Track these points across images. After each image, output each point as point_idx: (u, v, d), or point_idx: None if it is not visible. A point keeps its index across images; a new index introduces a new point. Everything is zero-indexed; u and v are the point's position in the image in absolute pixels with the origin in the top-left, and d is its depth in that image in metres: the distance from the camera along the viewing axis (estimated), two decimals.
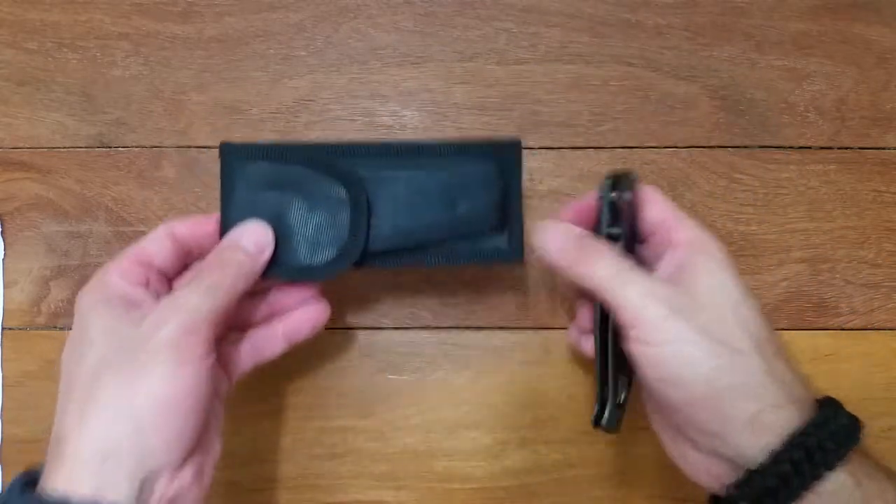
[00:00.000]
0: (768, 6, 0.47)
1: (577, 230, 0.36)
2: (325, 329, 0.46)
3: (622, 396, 0.38)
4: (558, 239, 0.35)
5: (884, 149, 0.47)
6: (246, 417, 0.46)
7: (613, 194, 0.36)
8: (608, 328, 0.37)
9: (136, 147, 0.47)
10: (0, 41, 0.48)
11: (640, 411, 0.46)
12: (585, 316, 0.41)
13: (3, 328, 0.47)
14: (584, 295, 0.40)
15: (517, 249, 0.40)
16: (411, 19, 0.47)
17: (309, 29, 0.47)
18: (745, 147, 0.47)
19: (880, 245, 0.46)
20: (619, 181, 0.36)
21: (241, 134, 0.47)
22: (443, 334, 0.46)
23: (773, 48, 0.47)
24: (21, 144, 0.47)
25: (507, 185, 0.39)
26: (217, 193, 0.46)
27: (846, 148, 0.47)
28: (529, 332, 0.46)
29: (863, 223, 0.46)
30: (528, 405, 0.46)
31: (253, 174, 0.38)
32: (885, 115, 0.47)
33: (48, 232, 0.47)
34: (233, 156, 0.38)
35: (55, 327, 0.47)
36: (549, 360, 0.46)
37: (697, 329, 0.31)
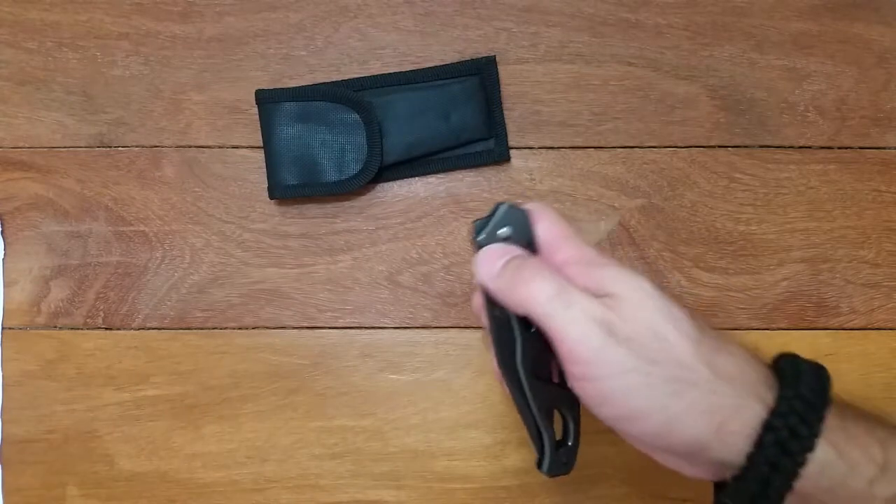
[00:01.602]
0: (768, 6, 0.47)
1: (514, 251, 0.32)
2: (326, 329, 0.47)
3: (569, 431, 0.34)
4: (494, 263, 0.31)
5: (884, 148, 0.47)
6: (246, 417, 0.46)
7: (481, 237, 0.32)
8: (516, 361, 0.33)
9: (136, 147, 0.47)
10: (0, 41, 0.48)
11: None
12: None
13: (3, 328, 0.47)
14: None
15: (503, 151, 0.46)
16: (411, 19, 0.47)
17: (309, 29, 0.47)
18: (746, 147, 0.47)
19: (880, 245, 0.46)
20: (492, 220, 0.32)
21: (240, 134, 0.47)
22: (443, 334, 0.46)
23: (774, 48, 0.47)
24: (21, 144, 0.47)
25: (489, 96, 0.46)
26: (217, 193, 0.47)
27: (846, 148, 0.47)
28: None
29: (863, 223, 0.46)
30: None
31: (284, 112, 0.46)
32: (885, 115, 0.47)
33: (48, 232, 0.47)
34: (267, 100, 0.46)
35: (55, 327, 0.47)
36: None
37: (636, 354, 0.28)
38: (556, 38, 0.47)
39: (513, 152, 0.47)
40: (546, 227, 0.32)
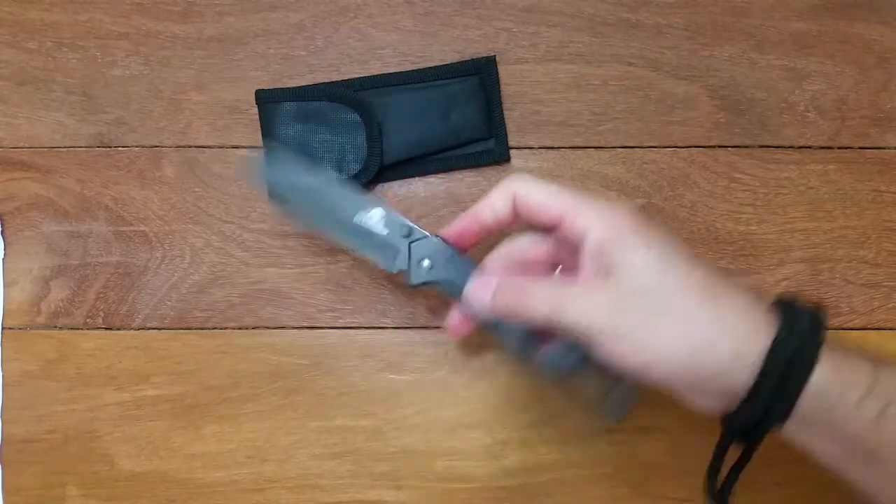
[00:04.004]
0: (768, 6, 0.47)
1: (506, 278, 0.36)
2: (326, 329, 0.47)
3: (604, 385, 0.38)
4: (490, 291, 0.35)
5: (884, 149, 0.47)
6: (246, 417, 0.46)
7: (411, 280, 0.38)
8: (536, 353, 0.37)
9: (136, 147, 0.47)
10: (0, 41, 0.48)
11: (639, 411, 0.46)
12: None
13: (3, 328, 0.47)
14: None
15: (503, 151, 0.46)
16: (411, 19, 0.47)
17: (309, 29, 0.47)
18: (746, 147, 0.47)
19: (880, 245, 0.46)
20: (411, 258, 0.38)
21: (240, 134, 0.47)
22: (443, 334, 0.46)
23: (773, 48, 0.47)
24: (21, 144, 0.47)
25: (489, 96, 0.46)
26: (217, 193, 0.47)
27: (846, 148, 0.47)
28: None
29: (863, 223, 0.46)
30: (528, 405, 0.46)
31: (284, 112, 0.45)
32: (885, 115, 0.47)
33: (48, 232, 0.47)
34: (267, 100, 0.46)
35: (55, 327, 0.47)
36: None
37: (648, 309, 0.31)
38: (556, 38, 0.47)
39: (513, 152, 0.47)
40: (544, 198, 0.35)
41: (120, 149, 0.47)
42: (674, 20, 0.47)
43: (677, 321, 0.31)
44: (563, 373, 0.37)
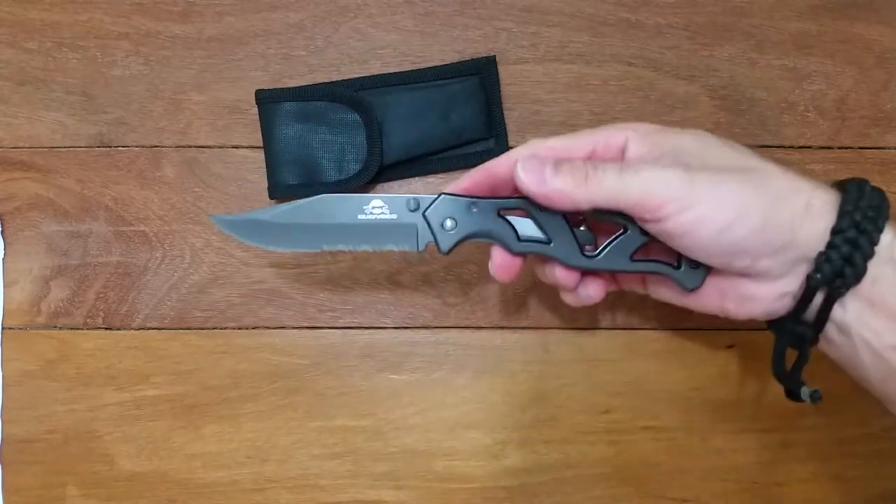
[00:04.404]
0: (768, 6, 0.47)
1: (544, 157, 0.35)
2: (326, 329, 0.47)
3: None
4: (540, 173, 0.34)
5: (884, 149, 0.47)
6: (246, 417, 0.46)
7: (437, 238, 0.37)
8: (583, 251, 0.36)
9: (136, 147, 0.47)
10: (0, 41, 0.48)
11: (640, 411, 0.46)
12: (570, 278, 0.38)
13: (3, 328, 0.47)
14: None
15: (503, 150, 0.44)
16: (411, 19, 0.47)
17: (309, 29, 0.47)
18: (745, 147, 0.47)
19: None
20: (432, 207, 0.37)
21: (240, 134, 0.47)
22: (443, 334, 0.46)
23: (773, 48, 0.47)
24: (21, 144, 0.47)
25: (489, 95, 0.46)
26: (217, 193, 0.47)
27: (846, 148, 0.47)
28: (529, 332, 0.46)
29: None
30: (528, 405, 0.46)
31: (284, 112, 0.45)
32: (885, 115, 0.47)
33: (48, 232, 0.47)
34: (267, 100, 0.46)
35: (55, 327, 0.47)
36: (549, 360, 0.46)
37: (716, 173, 0.32)
38: (556, 38, 0.47)
39: None
40: (548, 147, 0.36)
41: (120, 149, 0.47)
42: (674, 20, 0.47)
43: (745, 181, 0.32)
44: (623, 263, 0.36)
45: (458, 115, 0.46)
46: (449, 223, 0.36)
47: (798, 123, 0.47)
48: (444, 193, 0.37)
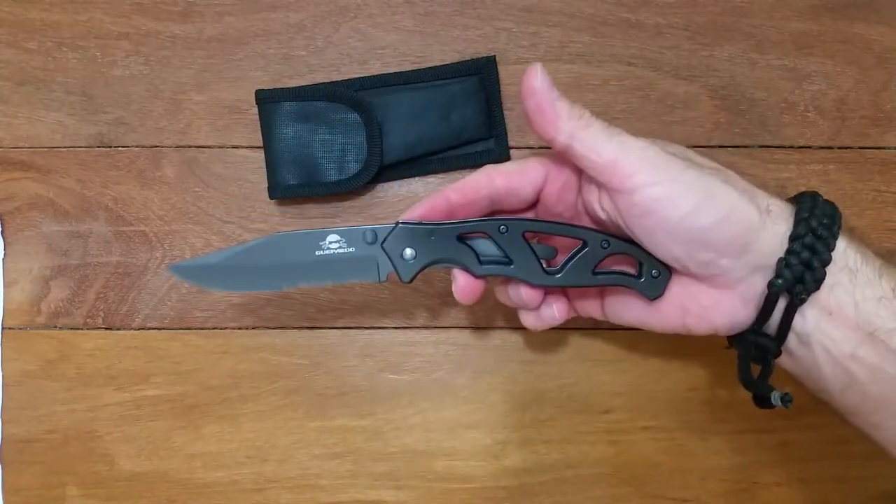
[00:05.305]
0: (768, 6, 0.47)
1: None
2: (326, 329, 0.47)
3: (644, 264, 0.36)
4: (556, 92, 0.35)
5: (884, 148, 0.47)
6: (246, 417, 0.46)
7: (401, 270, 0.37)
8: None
9: (136, 147, 0.47)
10: (0, 41, 0.48)
11: (640, 411, 0.46)
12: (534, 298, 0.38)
13: (3, 328, 0.47)
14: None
15: (503, 151, 0.46)
16: (411, 19, 0.47)
17: (309, 29, 0.47)
18: (746, 147, 0.47)
19: (880, 245, 0.46)
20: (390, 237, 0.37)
21: (240, 134, 0.47)
22: (443, 334, 0.46)
23: (773, 48, 0.47)
24: (21, 144, 0.47)
25: (489, 95, 0.46)
26: (217, 193, 0.47)
27: (846, 148, 0.47)
28: (529, 331, 0.46)
29: (863, 223, 0.46)
30: (528, 405, 0.46)
31: (284, 112, 0.45)
32: (885, 115, 0.47)
33: (48, 232, 0.47)
34: (267, 100, 0.46)
35: (55, 327, 0.47)
36: (549, 360, 0.46)
37: (683, 160, 0.33)
38: (556, 38, 0.47)
39: (513, 152, 0.47)
40: (502, 173, 0.36)
41: (120, 149, 0.47)
42: (674, 20, 0.47)
43: (715, 174, 0.33)
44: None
45: (458, 115, 0.46)
46: (409, 252, 0.36)
47: (798, 123, 0.47)
48: (401, 222, 0.36)
